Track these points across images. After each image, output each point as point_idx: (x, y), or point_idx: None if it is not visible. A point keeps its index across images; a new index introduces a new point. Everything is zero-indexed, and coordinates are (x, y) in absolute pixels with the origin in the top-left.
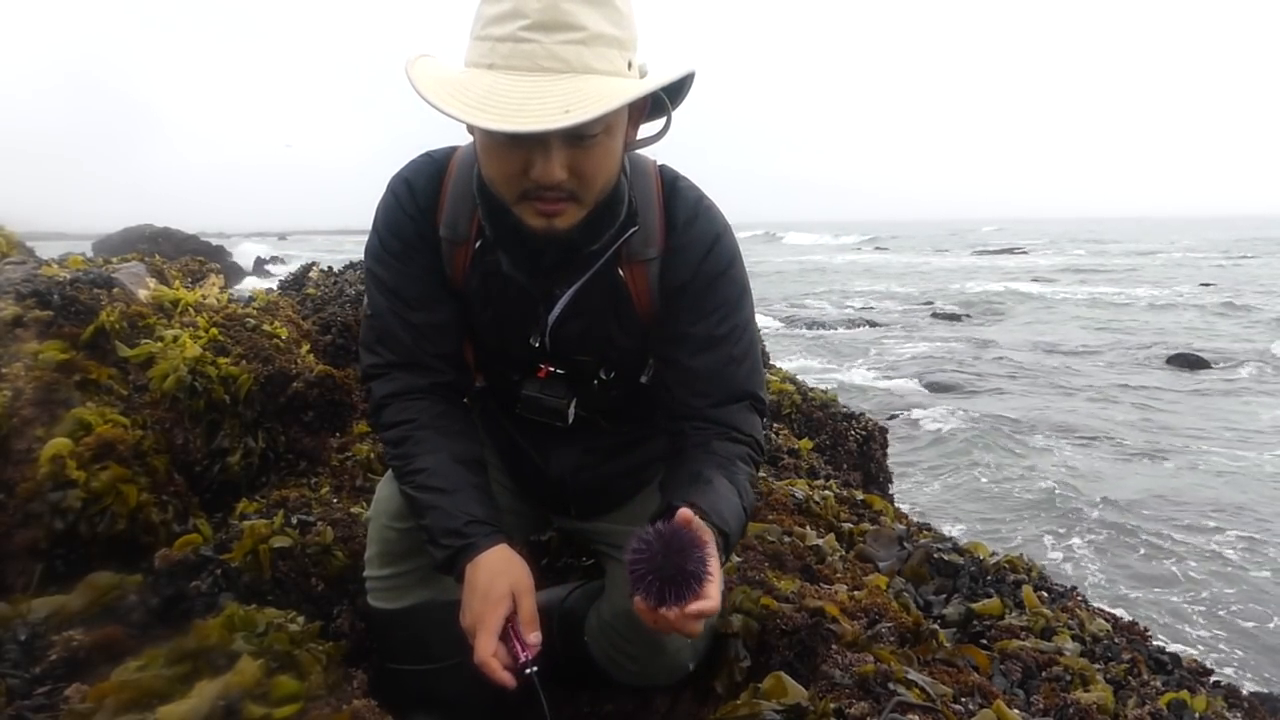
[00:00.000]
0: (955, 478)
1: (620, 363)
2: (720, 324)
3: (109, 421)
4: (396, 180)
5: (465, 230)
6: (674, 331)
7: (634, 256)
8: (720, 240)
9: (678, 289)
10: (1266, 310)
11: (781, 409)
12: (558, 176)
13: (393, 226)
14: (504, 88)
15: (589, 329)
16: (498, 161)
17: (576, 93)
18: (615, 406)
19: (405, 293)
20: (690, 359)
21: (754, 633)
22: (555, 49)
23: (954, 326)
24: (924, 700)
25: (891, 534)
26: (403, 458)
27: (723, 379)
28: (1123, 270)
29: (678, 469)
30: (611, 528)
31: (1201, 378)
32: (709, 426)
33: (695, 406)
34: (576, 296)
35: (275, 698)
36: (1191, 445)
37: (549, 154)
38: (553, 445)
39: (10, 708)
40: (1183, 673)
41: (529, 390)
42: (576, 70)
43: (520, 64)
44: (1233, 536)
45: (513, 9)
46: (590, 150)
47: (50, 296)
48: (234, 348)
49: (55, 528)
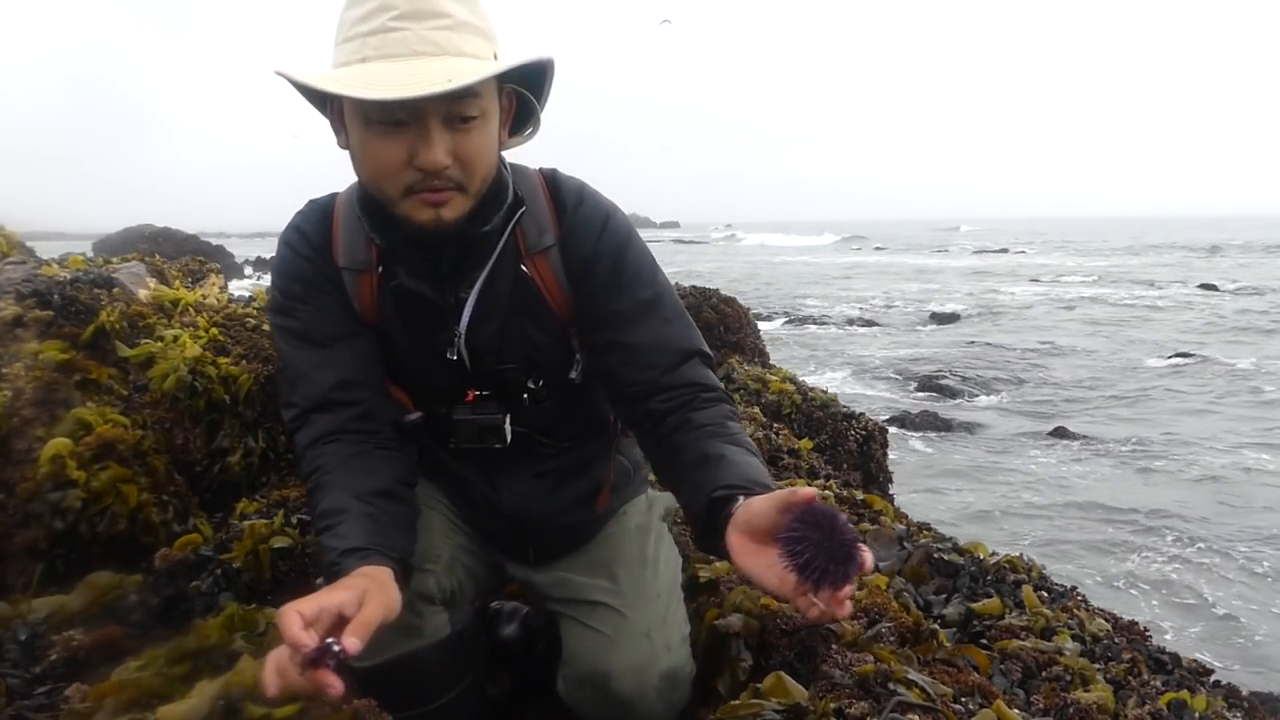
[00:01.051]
0: (954, 479)
1: (545, 366)
2: (642, 290)
3: (109, 421)
4: (287, 231)
5: (365, 256)
6: (601, 313)
7: (532, 249)
8: (612, 217)
9: (584, 269)
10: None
11: (781, 409)
12: (441, 160)
13: (292, 273)
14: (382, 70)
15: (504, 330)
16: (380, 155)
17: (456, 68)
18: (551, 420)
19: (313, 334)
20: (627, 334)
21: (755, 632)
22: (426, 34)
23: (952, 327)
24: (924, 700)
25: (891, 534)
26: (312, 506)
27: (665, 342)
28: (1105, 270)
29: (679, 456)
30: (569, 578)
31: (1200, 377)
32: (673, 394)
33: (649, 380)
34: (482, 295)
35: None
36: (1192, 444)
37: (430, 138)
38: (498, 473)
39: (10, 708)
40: (1183, 673)
41: (460, 415)
42: (449, 53)
43: (394, 50)
44: (1233, 536)
45: (380, 4)
46: (469, 134)
47: (50, 296)
48: (234, 348)
49: (55, 528)
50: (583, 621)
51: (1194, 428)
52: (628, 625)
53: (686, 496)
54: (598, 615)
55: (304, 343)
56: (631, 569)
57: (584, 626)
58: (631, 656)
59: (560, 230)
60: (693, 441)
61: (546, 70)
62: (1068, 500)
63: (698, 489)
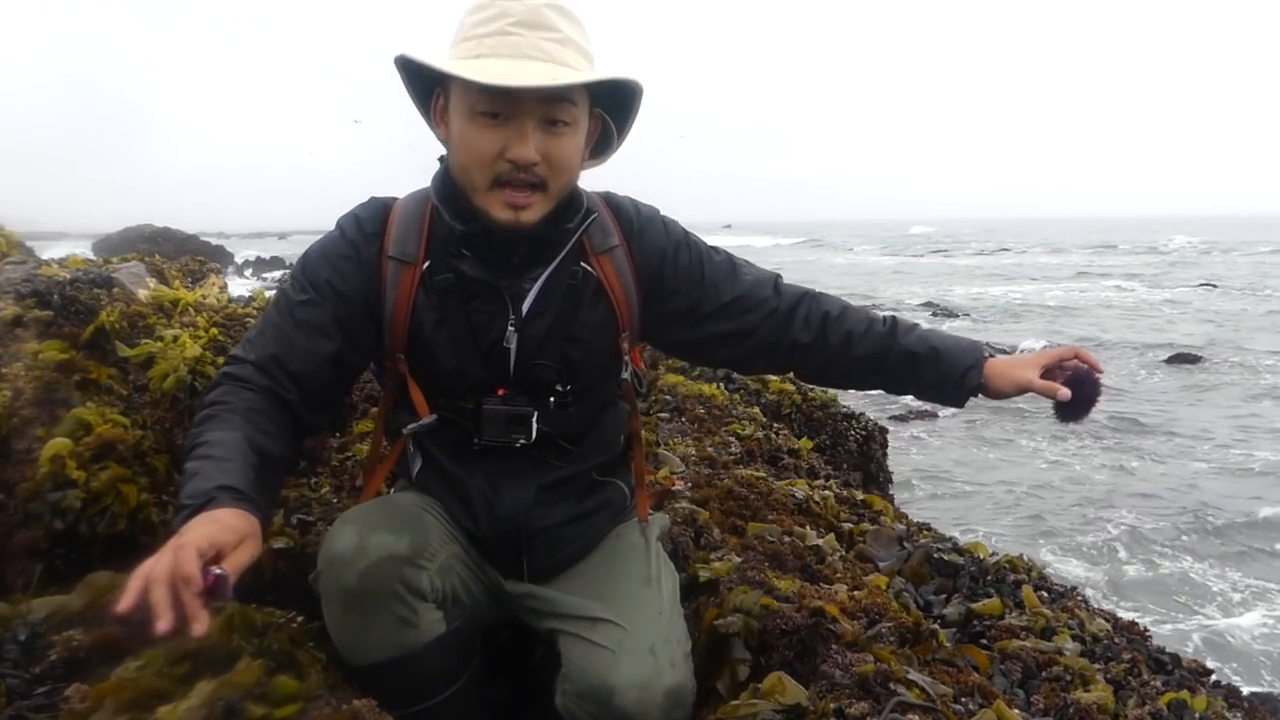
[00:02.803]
0: (955, 478)
1: (578, 368)
2: (717, 255)
3: (109, 421)
4: (345, 216)
5: (414, 251)
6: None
7: (597, 248)
8: (664, 216)
9: (662, 260)
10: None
11: (782, 409)
12: (531, 155)
13: (326, 255)
14: (495, 66)
15: (553, 327)
16: (477, 144)
17: (559, 72)
18: (572, 428)
19: (298, 313)
20: (731, 290)
21: (754, 633)
22: (538, 42)
23: (952, 326)
24: (924, 700)
25: (891, 534)
26: (195, 434)
27: (758, 282)
28: (1101, 270)
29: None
30: (569, 594)
31: (1200, 375)
32: (794, 313)
33: (771, 309)
34: (543, 289)
35: (275, 698)
36: (1190, 445)
37: (524, 134)
38: (503, 479)
39: (10, 708)
40: (1183, 673)
41: (490, 404)
42: (555, 61)
43: (507, 51)
44: (1232, 537)
45: (499, 12)
46: (559, 138)
47: (50, 296)
48: (234, 348)
49: (55, 528)
50: (584, 637)
51: (1192, 422)
52: (631, 641)
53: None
54: (599, 631)
55: (288, 314)
56: (633, 586)
57: (586, 642)
58: (635, 672)
59: (625, 235)
60: (881, 348)
61: (634, 99)
62: (1069, 500)
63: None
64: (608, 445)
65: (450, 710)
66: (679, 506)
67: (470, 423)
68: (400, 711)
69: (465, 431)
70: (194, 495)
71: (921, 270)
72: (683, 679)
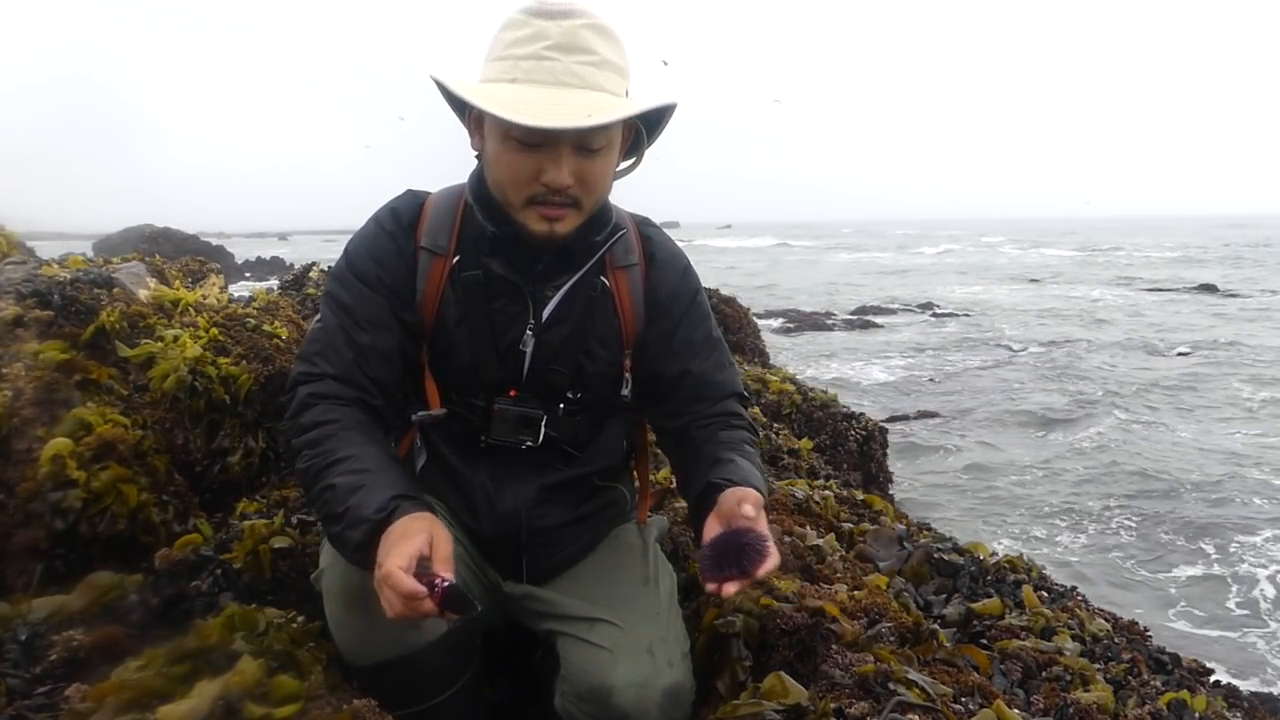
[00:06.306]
0: (955, 478)
1: (589, 378)
2: (711, 331)
3: (109, 421)
4: (382, 210)
5: (445, 243)
6: (678, 340)
7: (617, 262)
8: (690, 266)
9: (669, 300)
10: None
11: (781, 409)
12: (566, 181)
13: (369, 249)
14: (530, 95)
15: (569, 336)
16: (512, 166)
17: (594, 103)
18: (579, 435)
19: (357, 312)
20: (695, 363)
21: (754, 633)
22: (573, 67)
23: (952, 325)
24: (924, 700)
25: (891, 534)
26: (323, 453)
27: (720, 378)
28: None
29: (697, 460)
30: (567, 595)
31: (1198, 373)
32: (711, 421)
33: (698, 410)
34: (565, 297)
35: (275, 698)
36: (1193, 440)
37: (560, 160)
38: (507, 479)
39: (10, 708)
40: (1183, 673)
41: (501, 404)
42: (590, 87)
43: (542, 78)
44: (1231, 536)
45: (535, 33)
46: (594, 160)
47: (50, 296)
48: (234, 348)
49: (55, 528)
50: (583, 638)
51: (1193, 427)
52: (629, 641)
53: (689, 480)
54: (598, 631)
55: (348, 316)
56: (631, 587)
57: (584, 643)
58: (634, 672)
59: (645, 258)
60: (710, 449)
61: (666, 111)
62: (1069, 499)
63: (700, 476)
64: (611, 453)
65: (450, 710)
66: (679, 506)
67: (480, 420)
68: (401, 711)
69: (473, 428)
70: (378, 509)
71: (925, 268)
72: (681, 678)
